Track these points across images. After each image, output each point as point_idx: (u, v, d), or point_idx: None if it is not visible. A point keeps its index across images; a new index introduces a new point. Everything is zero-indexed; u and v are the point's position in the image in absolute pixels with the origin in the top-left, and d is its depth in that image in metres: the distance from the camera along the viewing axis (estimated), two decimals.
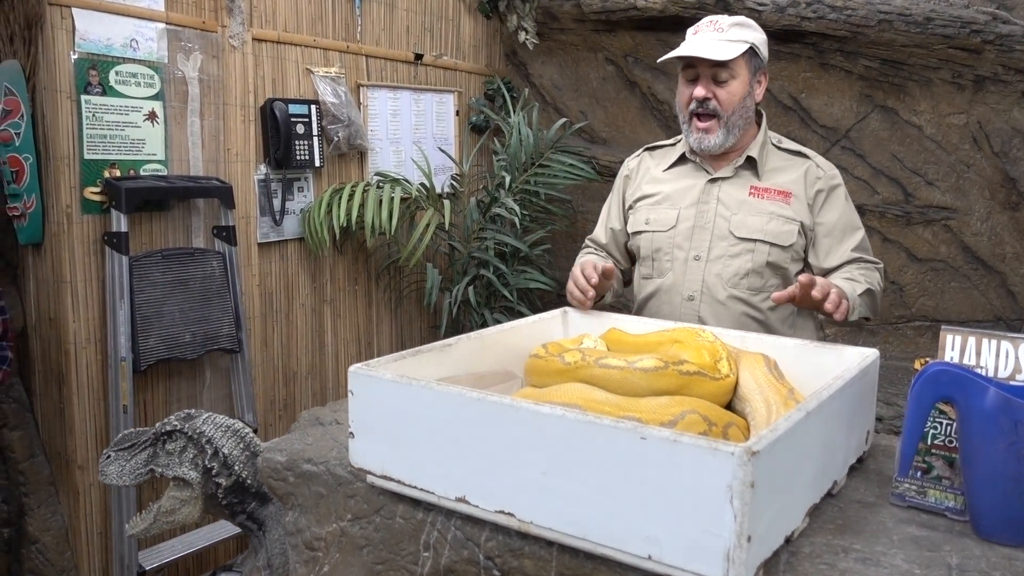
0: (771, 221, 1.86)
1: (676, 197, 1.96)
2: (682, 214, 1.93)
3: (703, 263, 1.89)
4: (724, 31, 1.85)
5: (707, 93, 1.84)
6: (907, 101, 3.15)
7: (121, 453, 1.52)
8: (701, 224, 1.91)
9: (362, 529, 1.35)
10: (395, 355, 1.38)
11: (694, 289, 1.90)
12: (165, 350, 2.47)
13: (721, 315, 1.87)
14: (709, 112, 1.85)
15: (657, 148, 2.09)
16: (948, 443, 1.23)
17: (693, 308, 1.90)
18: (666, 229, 1.94)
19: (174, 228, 2.60)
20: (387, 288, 3.46)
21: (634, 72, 3.71)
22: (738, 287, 1.87)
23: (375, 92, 3.30)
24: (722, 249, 1.88)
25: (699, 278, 1.89)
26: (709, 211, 1.91)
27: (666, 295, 1.94)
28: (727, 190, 1.92)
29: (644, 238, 1.98)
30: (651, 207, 1.99)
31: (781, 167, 1.93)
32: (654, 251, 1.96)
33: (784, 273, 1.88)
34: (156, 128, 2.51)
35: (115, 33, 2.38)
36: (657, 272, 1.97)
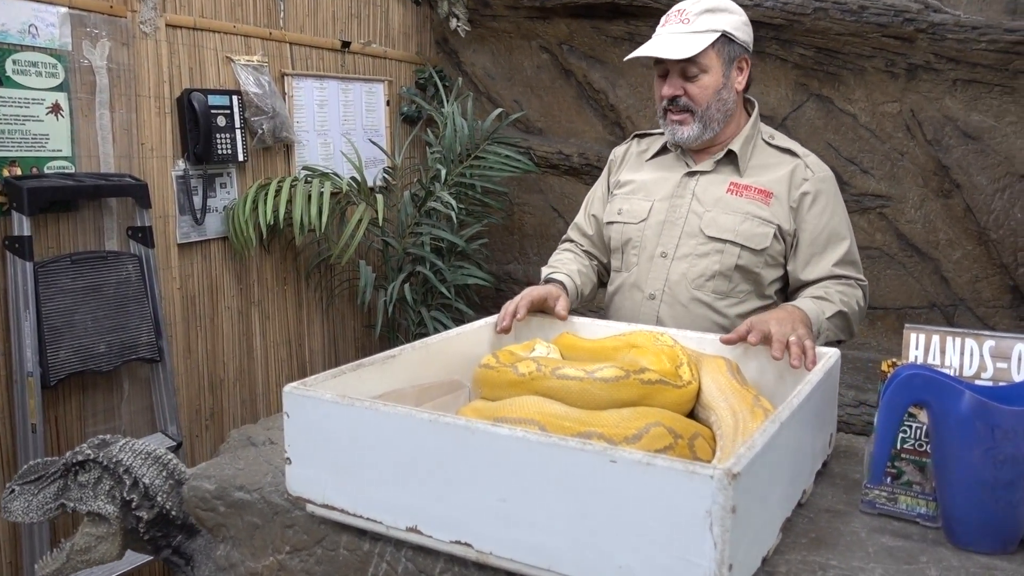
0: (745, 221, 1.74)
1: (652, 188, 1.86)
2: (655, 207, 1.83)
3: (669, 260, 1.79)
4: (690, 22, 1.73)
5: (676, 91, 1.75)
6: (842, 90, 3.15)
7: (27, 487, 1.36)
8: (672, 219, 1.80)
9: (302, 562, 1.24)
10: (334, 371, 1.26)
11: (656, 287, 1.79)
12: (78, 362, 2.28)
13: (682, 317, 1.77)
14: (682, 108, 1.76)
15: (646, 136, 1.98)
16: (918, 447, 1.19)
17: (653, 308, 1.79)
18: (637, 221, 1.84)
19: (84, 230, 2.40)
20: (318, 287, 3.31)
21: (569, 60, 3.63)
22: (702, 289, 1.76)
23: (301, 82, 3.14)
24: (690, 247, 1.77)
25: (663, 276, 1.79)
26: (682, 206, 1.80)
27: (628, 291, 1.85)
28: (704, 185, 1.80)
29: (615, 229, 1.88)
30: (626, 197, 1.89)
31: (767, 164, 1.80)
32: (623, 243, 1.86)
33: (756, 279, 1.76)
34: (61, 122, 2.31)
35: (11, 18, 2.18)
36: (624, 266, 1.87)
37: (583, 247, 2.02)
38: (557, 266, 1.91)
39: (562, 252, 2.01)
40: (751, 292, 1.78)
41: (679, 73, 1.74)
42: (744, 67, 1.78)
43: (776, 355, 1.37)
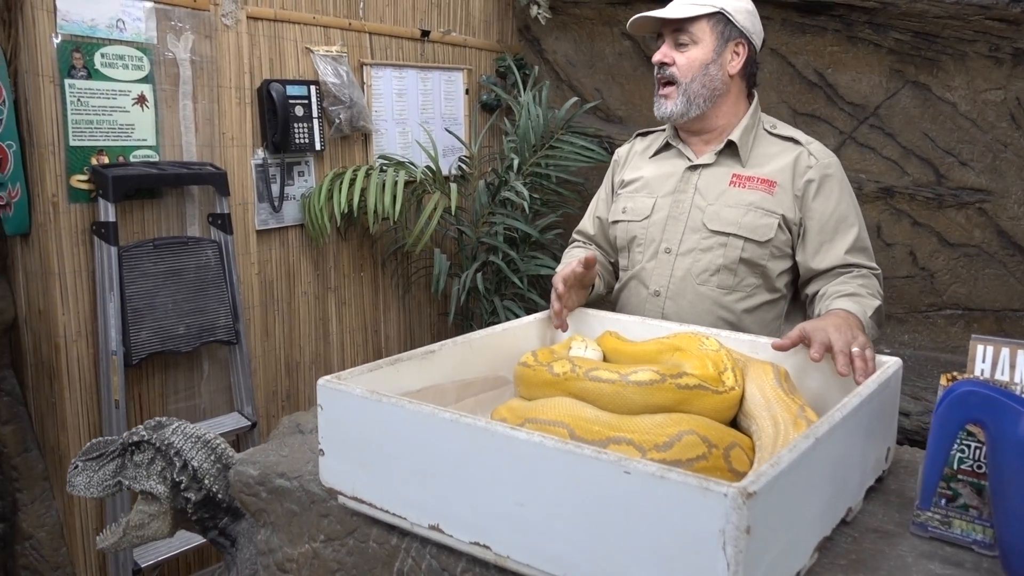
0: (748, 213, 1.71)
1: (655, 185, 1.83)
2: (658, 203, 1.81)
3: (673, 256, 1.77)
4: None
5: (664, 58, 1.72)
6: (940, 76, 2.96)
7: (89, 463, 1.43)
8: (675, 215, 1.78)
9: (335, 552, 1.26)
10: (371, 364, 1.27)
11: (661, 284, 1.77)
12: (158, 343, 2.39)
13: (687, 313, 1.74)
14: (667, 78, 1.72)
15: (648, 133, 1.96)
16: (977, 468, 1.10)
17: (658, 304, 1.78)
18: (640, 219, 1.82)
19: (167, 216, 2.51)
20: (394, 274, 3.36)
21: (651, 47, 3.54)
22: (707, 284, 1.74)
23: (379, 71, 3.18)
24: (694, 242, 1.75)
25: (667, 272, 1.77)
26: (685, 201, 1.78)
27: (634, 288, 1.83)
28: (707, 178, 1.77)
29: (620, 228, 1.87)
30: (630, 195, 1.87)
31: (769, 153, 1.76)
32: (628, 241, 1.85)
33: (763, 271, 1.73)
34: (146, 112, 2.42)
35: (100, 13, 2.28)
36: (631, 263, 1.86)
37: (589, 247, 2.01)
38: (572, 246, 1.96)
39: (572, 249, 2.02)
40: (759, 286, 1.74)
41: (672, 43, 1.72)
42: (740, 52, 1.74)
43: (842, 371, 1.29)
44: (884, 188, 3.09)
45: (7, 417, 2.40)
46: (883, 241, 3.13)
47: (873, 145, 3.14)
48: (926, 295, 3.12)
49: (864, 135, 3.16)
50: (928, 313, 3.13)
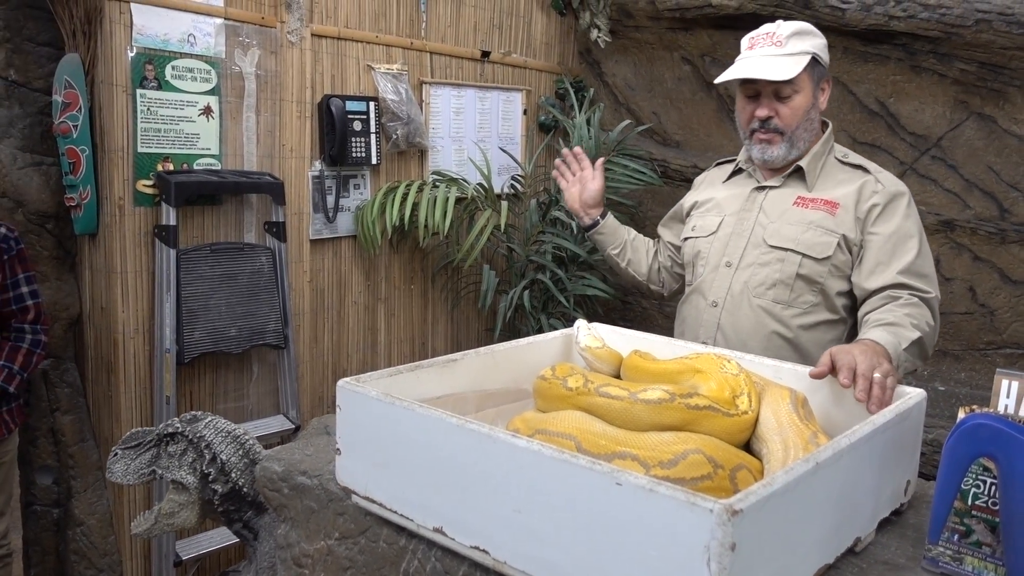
0: (808, 231, 1.76)
1: (724, 204, 1.92)
2: (725, 221, 1.89)
3: (733, 270, 1.83)
4: (783, 44, 1.74)
5: (769, 112, 1.77)
6: (1007, 108, 2.88)
7: (127, 451, 1.51)
8: (739, 231, 1.85)
9: (347, 550, 1.30)
10: (391, 369, 1.31)
11: (718, 295, 1.84)
12: (210, 343, 2.49)
13: (742, 325, 1.79)
14: (772, 129, 1.78)
15: (726, 163, 2.06)
16: (992, 505, 1.08)
17: (714, 315, 1.84)
18: (706, 235, 1.91)
19: (226, 222, 2.62)
20: (443, 288, 3.42)
21: (711, 73, 3.54)
22: (763, 297, 1.79)
23: (438, 89, 3.26)
24: (753, 257, 1.81)
25: (725, 284, 1.83)
26: (750, 218, 1.85)
27: (694, 300, 1.91)
28: (772, 199, 1.85)
29: (688, 244, 1.97)
30: (701, 215, 1.97)
31: (837, 179, 1.82)
32: (694, 256, 1.94)
33: (822, 289, 1.76)
34: (211, 123, 2.53)
35: (173, 28, 2.41)
36: (694, 277, 1.94)
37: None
38: None
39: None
40: (818, 304, 1.78)
41: (772, 94, 1.76)
42: (826, 88, 1.82)
43: (859, 397, 1.29)
44: (945, 221, 3.02)
45: (67, 407, 2.52)
46: (942, 275, 3.04)
47: (935, 177, 3.07)
48: (985, 332, 3.01)
49: (925, 166, 3.09)
50: (986, 351, 3.02)
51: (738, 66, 1.77)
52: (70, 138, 2.33)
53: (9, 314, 2.22)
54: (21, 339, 2.24)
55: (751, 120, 1.80)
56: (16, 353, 2.22)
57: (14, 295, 2.21)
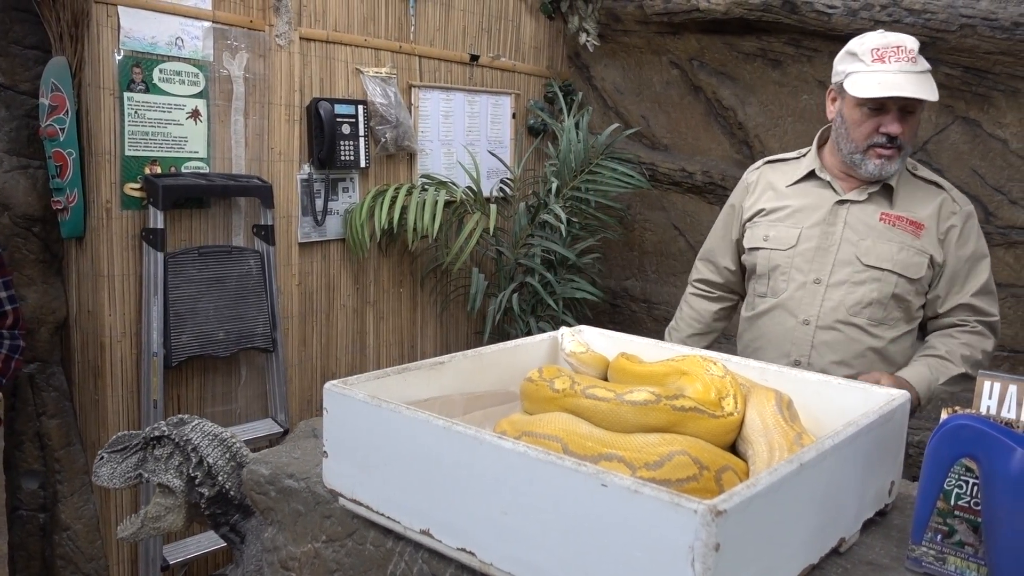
0: (902, 251, 1.79)
1: (799, 216, 1.89)
2: (804, 234, 1.86)
3: (823, 287, 1.83)
4: (916, 60, 1.75)
5: (899, 130, 1.75)
6: (991, 112, 2.91)
7: (114, 455, 1.50)
8: (824, 246, 1.84)
9: (334, 553, 1.30)
10: (379, 372, 1.31)
11: (811, 313, 1.84)
12: (197, 347, 2.48)
13: (837, 342, 1.81)
14: (896, 146, 1.77)
15: (779, 161, 2.02)
16: (974, 505, 1.09)
17: (807, 333, 1.84)
18: (785, 248, 1.88)
19: (214, 226, 2.61)
20: (433, 291, 3.42)
21: (699, 76, 3.56)
22: (859, 316, 1.81)
23: (427, 93, 3.26)
24: (845, 275, 1.81)
25: (817, 302, 1.83)
26: (834, 234, 1.84)
27: (779, 316, 1.89)
28: (856, 213, 1.84)
29: (761, 255, 1.93)
30: (772, 223, 1.93)
31: (915, 197, 1.84)
32: (771, 269, 1.91)
33: (907, 307, 1.81)
34: (199, 126, 2.53)
35: (160, 31, 2.41)
36: (772, 291, 1.91)
37: (714, 287, 2.14)
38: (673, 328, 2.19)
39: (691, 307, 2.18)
40: (901, 318, 1.83)
41: (899, 111, 1.74)
42: None
43: None
44: None
45: (54, 412, 2.51)
46: None
47: None
48: None
49: None
50: None
51: (884, 82, 1.72)
52: (57, 141, 2.32)
53: None
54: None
55: (872, 135, 1.76)
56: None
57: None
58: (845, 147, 1.82)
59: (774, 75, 3.33)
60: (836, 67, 1.88)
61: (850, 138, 1.80)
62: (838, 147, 1.85)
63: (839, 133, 1.84)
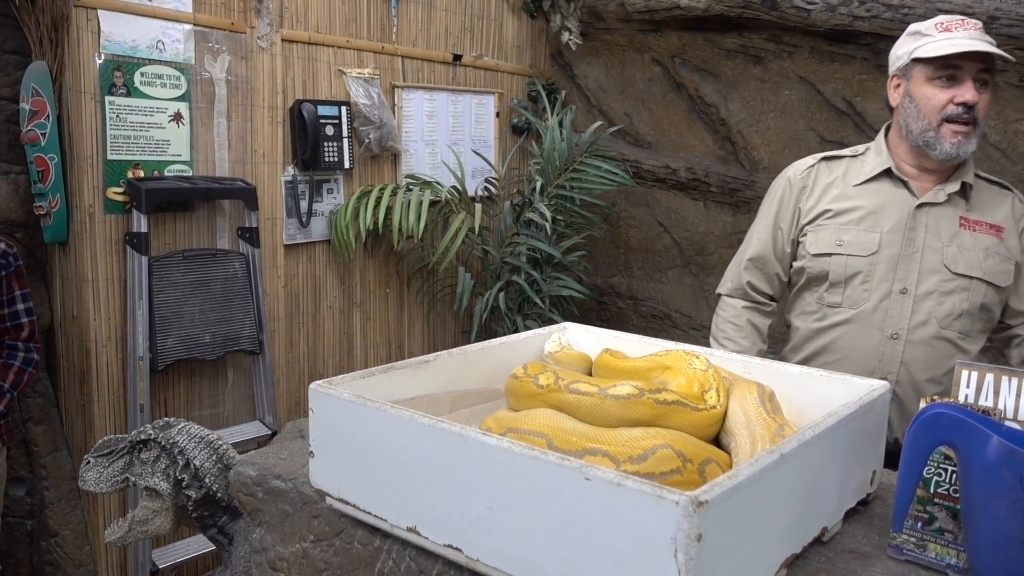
0: (988, 258, 1.69)
1: (875, 219, 1.75)
2: (885, 239, 1.73)
3: (910, 298, 1.71)
4: (982, 31, 1.67)
5: (974, 98, 1.63)
6: None
7: (100, 460, 1.50)
8: (908, 253, 1.71)
9: (322, 552, 1.30)
10: (364, 372, 1.32)
11: (899, 327, 1.71)
12: (183, 350, 2.48)
13: (929, 358, 1.71)
14: (971, 119, 1.65)
15: (835, 159, 1.88)
16: (953, 492, 1.10)
17: (896, 348, 1.71)
18: (866, 254, 1.74)
19: (198, 229, 2.61)
20: (419, 291, 3.42)
21: (681, 74, 3.58)
22: (950, 328, 1.69)
23: (410, 93, 3.26)
24: (933, 284, 1.70)
25: (906, 315, 1.70)
26: (917, 239, 1.71)
27: (861, 329, 1.75)
28: (936, 218, 1.72)
29: (836, 261, 1.77)
30: (844, 227, 1.77)
31: (985, 198, 1.75)
32: (848, 277, 1.76)
33: (990, 317, 1.72)
34: (181, 129, 2.52)
35: (141, 35, 2.40)
36: (849, 302, 1.76)
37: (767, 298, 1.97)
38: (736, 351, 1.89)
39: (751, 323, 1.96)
40: (982, 330, 1.75)
41: (974, 81, 1.64)
42: None
43: None
44: None
45: (39, 418, 2.50)
46: None
47: None
48: None
49: None
50: None
51: (957, 43, 1.60)
52: (38, 146, 2.31)
53: (3, 331, 2.18)
54: (13, 357, 2.19)
55: (946, 106, 1.64)
56: (7, 371, 2.17)
57: (9, 312, 2.16)
58: (916, 126, 1.69)
59: (755, 71, 3.35)
60: (896, 52, 1.78)
61: (921, 114, 1.67)
62: (907, 132, 1.72)
63: (908, 115, 1.71)
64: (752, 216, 3.46)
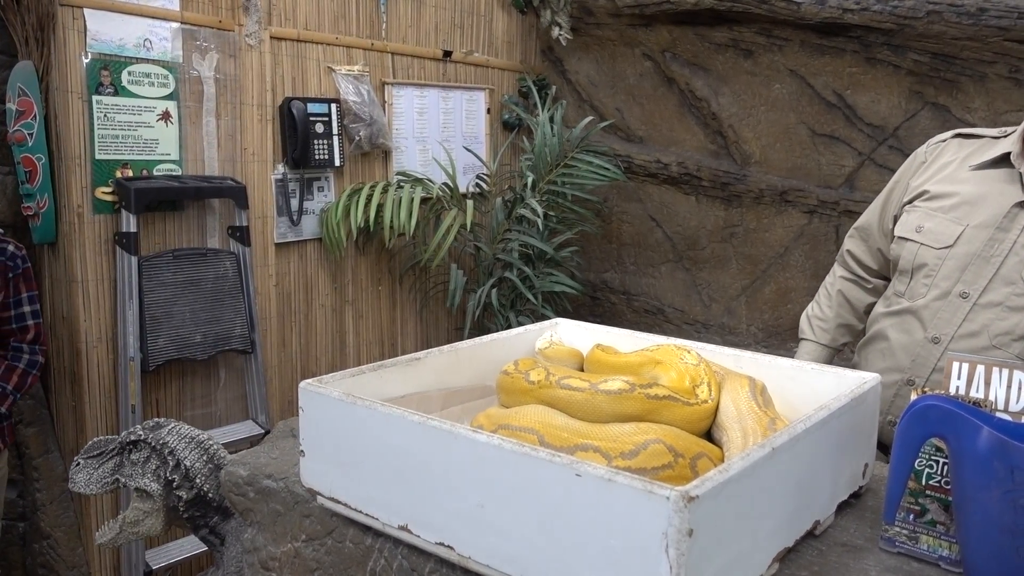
0: None
1: (967, 209, 1.53)
2: (967, 234, 1.52)
3: (969, 303, 1.50)
4: None
5: None
6: (960, 98, 2.94)
7: (90, 461, 1.49)
8: (986, 255, 1.49)
9: (314, 551, 1.29)
10: (354, 370, 1.31)
11: (945, 331, 1.52)
12: (174, 350, 2.46)
13: None
14: None
15: (972, 137, 1.64)
16: (944, 484, 1.10)
17: (934, 352, 1.53)
18: (938, 246, 1.54)
19: (188, 228, 2.59)
20: (412, 288, 3.42)
21: (672, 68, 3.57)
22: (1006, 347, 1.47)
23: (401, 90, 3.25)
24: (1002, 295, 1.47)
25: (956, 320, 1.51)
26: (1005, 240, 1.48)
27: (907, 323, 1.59)
28: None
29: (908, 248, 1.60)
30: (931, 213, 1.58)
31: None
32: (915, 267, 1.59)
33: None
34: (170, 128, 2.51)
35: (128, 33, 2.38)
36: (909, 294, 1.60)
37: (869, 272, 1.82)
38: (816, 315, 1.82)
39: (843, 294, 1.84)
40: None
41: None
42: None
43: None
44: None
45: (30, 419, 2.48)
46: None
47: (892, 166, 3.11)
48: None
49: (883, 156, 3.14)
50: None
51: None
52: (25, 146, 2.30)
53: (8, 332, 2.16)
54: (18, 359, 2.17)
55: None
56: (11, 373, 2.15)
57: (16, 313, 2.15)
58: None
59: (746, 65, 3.35)
60: None
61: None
62: None
63: None
64: (743, 211, 3.47)
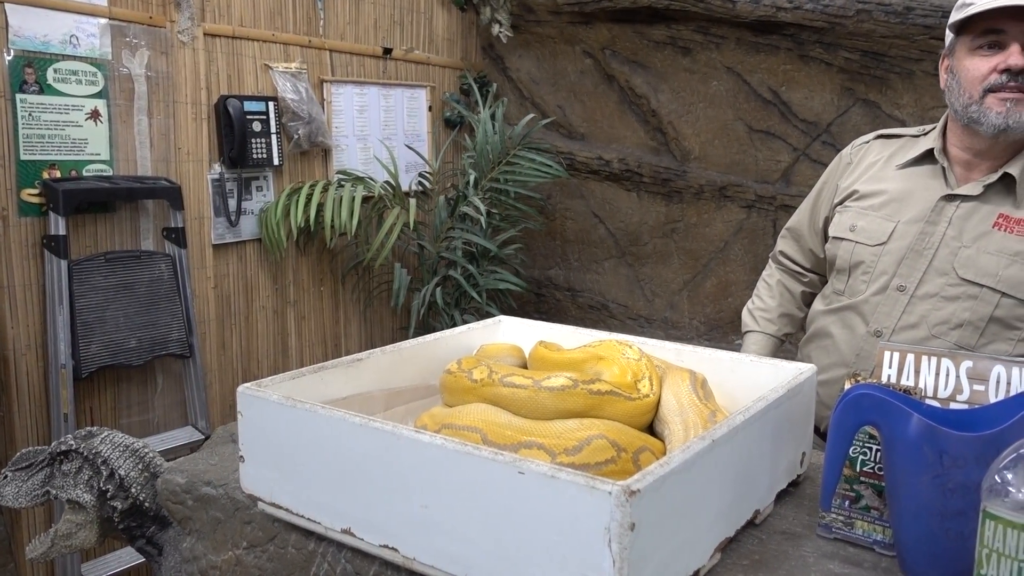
0: (1012, 265, 1.47)
1: (897, 206, 1.59)
2: (899, 229, 1.57)
3: (907, 296, 1.55)
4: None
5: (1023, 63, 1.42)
6: (889, 94, 3.03)
7: (19, 473, 1.44)
8: (919, 248, 1.54)
9: (256, 558, 1.27)
10: (294, 372, 1.29)
11: (885, 324, 1.56)
12: (108, 356, 2.39)
13: None
14: (1018, 86, 1.42)
15: (894, 137, 1.70)
16: (878, 470, 1.13)
17: (876, 345, 1.55)
18: (873, 244, 1.59)
19: (121, 230, 2.52)
20: (355, 289, 3.38)
21: (612, 65, 3.60)
22: (944, 336, 1.51)
23: (340, 88, 3.21)
24: (936, 286, 1.52)
25: (896, 313, 1.55)
26: (934, 234, 1.53)
27: (849, 320, 1.63)
28: (965, 213, 1.52)
29: (844, 247, 1.65)
30: (863, 212, 1.63)
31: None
32: (852, 265, 1.63)
33: (1020, 335, 1.49)
34: (100, 127, 2.43)
35: (53, 29, 2.30)
36: (848, 291, 1.64)
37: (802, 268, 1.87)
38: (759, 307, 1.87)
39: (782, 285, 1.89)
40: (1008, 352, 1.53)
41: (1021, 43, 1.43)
42: None
43: None
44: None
45: None
46: None
47: (826, 161, 3.18)
48: None
49: (817, 152, 3.22)
50: None
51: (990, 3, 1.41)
52: None
53: None
54: None
55: (987, 76, 1.45)
56: None
57: None
58: (959, 102, 1.49)
59: (684, 62, 3.39)
60: (947, 33, 1.59)
61: (963, 89, 1.48)
62: (953, 111, 1.53)
63: (951, 93, 1.52)
64: (684, 206, 3.52)
